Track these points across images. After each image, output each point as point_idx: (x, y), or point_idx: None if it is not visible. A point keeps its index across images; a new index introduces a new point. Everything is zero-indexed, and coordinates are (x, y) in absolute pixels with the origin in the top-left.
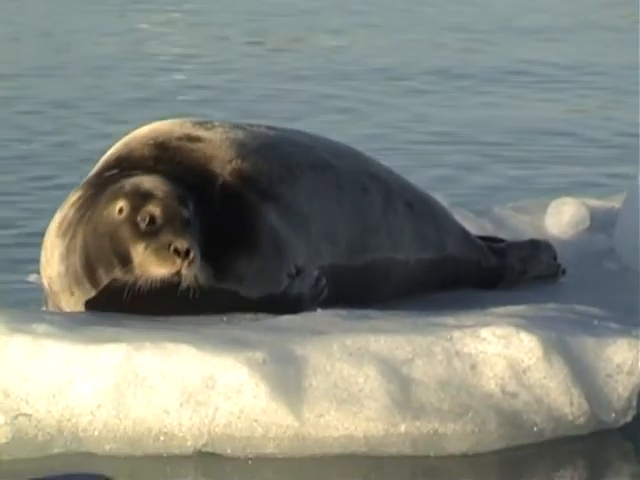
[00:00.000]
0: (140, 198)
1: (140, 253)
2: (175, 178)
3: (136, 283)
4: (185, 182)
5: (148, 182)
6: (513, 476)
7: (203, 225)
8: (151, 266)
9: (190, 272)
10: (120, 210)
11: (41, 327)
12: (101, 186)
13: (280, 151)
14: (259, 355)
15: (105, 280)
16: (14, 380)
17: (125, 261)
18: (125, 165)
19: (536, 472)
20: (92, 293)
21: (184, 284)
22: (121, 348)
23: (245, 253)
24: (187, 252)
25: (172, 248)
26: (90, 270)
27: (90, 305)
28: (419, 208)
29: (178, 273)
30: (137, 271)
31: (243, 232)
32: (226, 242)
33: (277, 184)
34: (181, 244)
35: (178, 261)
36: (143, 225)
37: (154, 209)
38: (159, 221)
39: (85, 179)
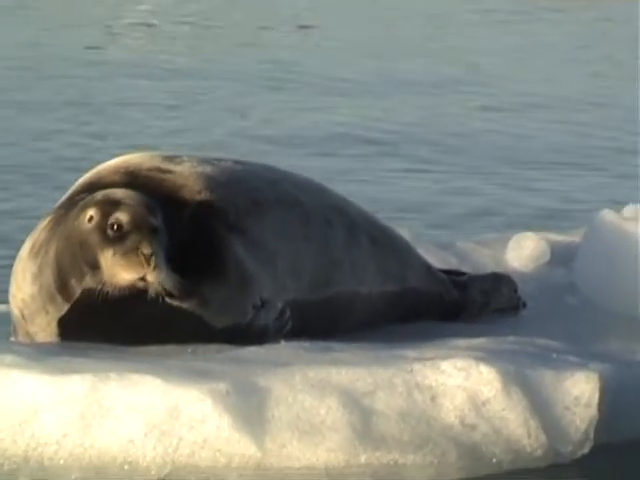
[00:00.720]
0: (109, 206)
1: (108, 259)
2: None
3: (104, 289)
4: (164, 209)
5: (119, 192)
6: None
7: (172, 249)
8: (117, 271)
9: (155, 277)
10: (90, 218)
11: (8, 358)
12: (72, 206)
13: (247, 185)
14: (222, 386)
15: (77, 291)
16: None
17: (95, 268)
18: (96, 189)
19: None
20: (65, 308)
21: (151, 290)
22: (87, 379)
23: (211, 282)
24: (151, 256)
25: (138, 253)
26: (62, 283)
27: (64, 321)
28: (383, 242)
29: (144, 278)
30: (105, 276)
31: (211, 262)
32: (194, 269)
33: (244, 217)
34: (146, 249)
35: (144, 266)
36: (111, 232)
37: (122, 215)
38: (126, 227)
39: (56, 205)
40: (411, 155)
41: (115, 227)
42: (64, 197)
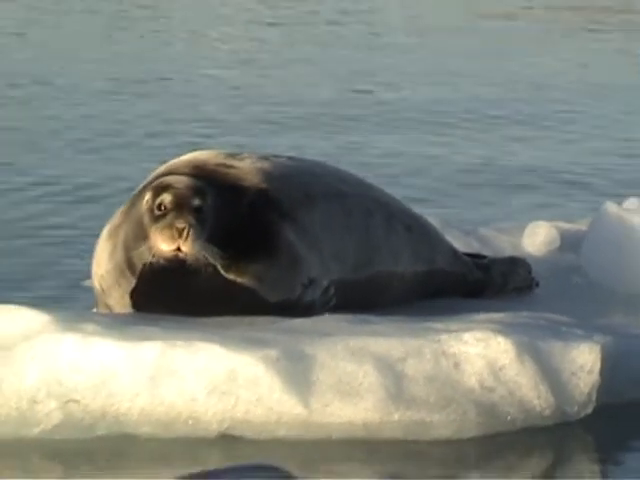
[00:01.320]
0: (160, 189)
1: (152, 233)
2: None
3: (154, 261)
4: (219, 195)
5: (171, 178)
6: (489, 458)
7: (230, 234)
8: (158, 242)
9: (188, 249)
10: (146, 202)
11: (90, 326)
12: (142, 194)
13: (299, 179)
14: (274, 353)
15: (139, 266)
16: (66, 371)
17: (147, 244)
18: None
19: (508, 455)
20: (133, 282)
21: (190, 260)
22: (157, 345)
23: (265, 261)
24: (184, 230)
25: (174, 227)
26: (129, 259)
27: (134, 294)
28: (416, 229)
29: (179, 249)
30: (151, 250)
31: (265, 244)
32: (250, 249)
33: (296, 208)
34: (180, 224)
35: (177, 238)
36: (157, 211)
37: (166, 197)
38: (169, 206)
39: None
40: None
41: (160, 207)
42: (140, 186)
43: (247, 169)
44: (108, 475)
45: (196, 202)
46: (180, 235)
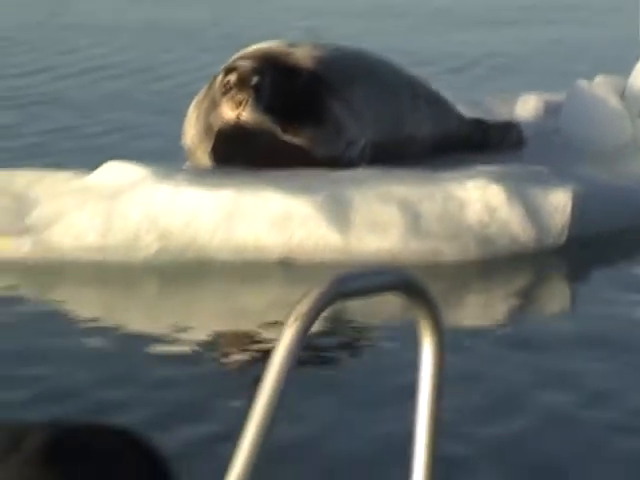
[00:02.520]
0: (228, 71)
1: (221, 105)
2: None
3: (224, 125)
4: (277, 75)
5: (240, 62)
6: (486, 277)
7: (287, 105)
8: (224, 110)
9: (246, 116)
10: (219, 80)
11: (180, 176)
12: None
13: (345, 63)
14: (321, 198)
15: (215, 130)
16: (161, 212)
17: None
18: None
19: (500, 275)
20: (212, 142)
21: (250, 125)
22: (231, 191)
23: (315, 127)
24: (242, 101)
25: (235, 98)
26: (208, 126)
27: (212, 151)
28: (433, 103)
29: (239, 115)
30: (221, 117)
31: (315, 114)
32: (303, 119)
33: (341, 86)
34: (241, 95)
35: (238, 108)
36: (224, 87)
37: (232, 76)
38: (233, 83)
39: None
40: None
41: (227, 84)
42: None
43: (303, 55)
44: (196, 288)
45: (254, 80)
46: (240, 105)
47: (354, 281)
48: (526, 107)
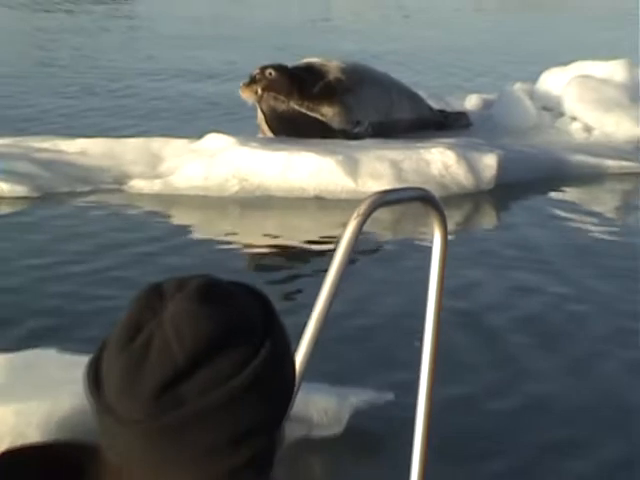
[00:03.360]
0: (264, 68)
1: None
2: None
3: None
4: (306, 76)
5: (276, 64)
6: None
7: (313, 93)
8: (249, 95)
9: (265, 99)
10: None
11: (253, 143)
12: None
13: (358, 71)
14: (340, 157)
15: (268, 113)
16: (241, 165)
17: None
18: None
19: (452, 206)
20: (269, 121)
21: (266, 106)
22: (283, 154)
23: (330, 107)
24: (262, 89)
25: (256, 90)
26: (260, 107)
27: (270, 126)
28: (412, 98)
29: (259, 99)
30: (260, 104)
31: (336, 103)
32: (321, 100)
33: (353, 85)
34: (259, 85)
35: (255, 95)
36: (252, 79)
37: (259, 75)
38: (258, 78)
39: None
40: None
41: (254, 77)
42: None
43: (331, 66)
44: (263, 214)
45: (272, 74)
46: (256, 93)
47: (391, 194)
48: (471, 102)
